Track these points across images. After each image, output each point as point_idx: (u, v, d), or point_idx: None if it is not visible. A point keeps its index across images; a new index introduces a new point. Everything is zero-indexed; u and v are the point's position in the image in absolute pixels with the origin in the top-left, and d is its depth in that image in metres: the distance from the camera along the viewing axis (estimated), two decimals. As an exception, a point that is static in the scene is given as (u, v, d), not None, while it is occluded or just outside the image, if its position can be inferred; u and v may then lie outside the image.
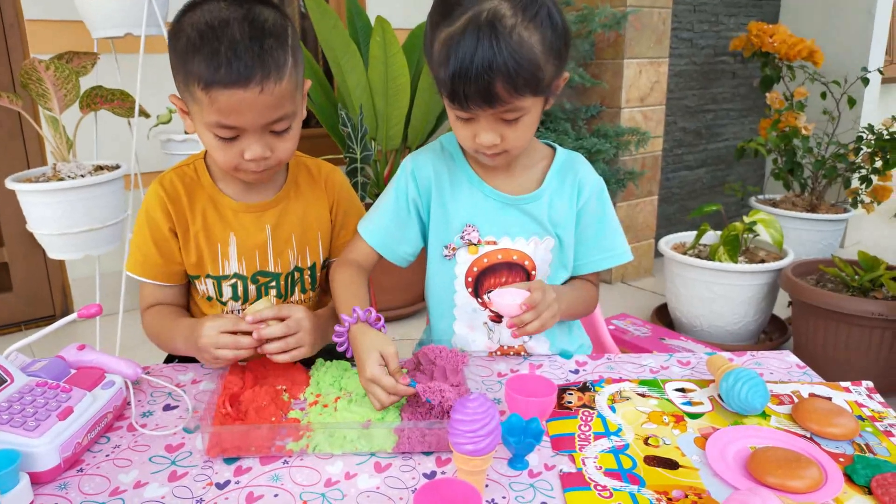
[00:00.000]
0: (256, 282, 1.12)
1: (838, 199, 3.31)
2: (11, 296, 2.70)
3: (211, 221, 1.09)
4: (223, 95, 0.90)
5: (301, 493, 0.74)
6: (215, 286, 1.11)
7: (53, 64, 1.75)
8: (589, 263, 1.15)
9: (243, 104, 0.91)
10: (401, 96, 2.65)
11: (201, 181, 1.10)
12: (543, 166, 1.11)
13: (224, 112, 0.92)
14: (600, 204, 1.13)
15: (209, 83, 0.90)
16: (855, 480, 0.76)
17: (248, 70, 0.89)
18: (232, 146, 0.97)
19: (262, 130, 0.96)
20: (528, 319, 0.95)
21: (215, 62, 0.89)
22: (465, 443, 0.70)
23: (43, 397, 0.80)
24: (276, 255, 1.12)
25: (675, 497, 0.73)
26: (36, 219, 1.87)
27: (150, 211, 1.08)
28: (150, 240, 1.08)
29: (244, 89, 0.90)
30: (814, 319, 2.23)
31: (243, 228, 1.10)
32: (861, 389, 0.98)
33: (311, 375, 0.97)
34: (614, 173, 3.02)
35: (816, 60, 3.15)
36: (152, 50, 2.31)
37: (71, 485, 0.75)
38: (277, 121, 0.96)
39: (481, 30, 0.88)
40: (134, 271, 1.11)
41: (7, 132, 2.56)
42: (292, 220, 1.13)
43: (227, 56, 0.89)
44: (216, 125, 0.94)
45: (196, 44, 0.91)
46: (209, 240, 1.09)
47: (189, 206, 1.09)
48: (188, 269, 1.11)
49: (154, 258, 1.09)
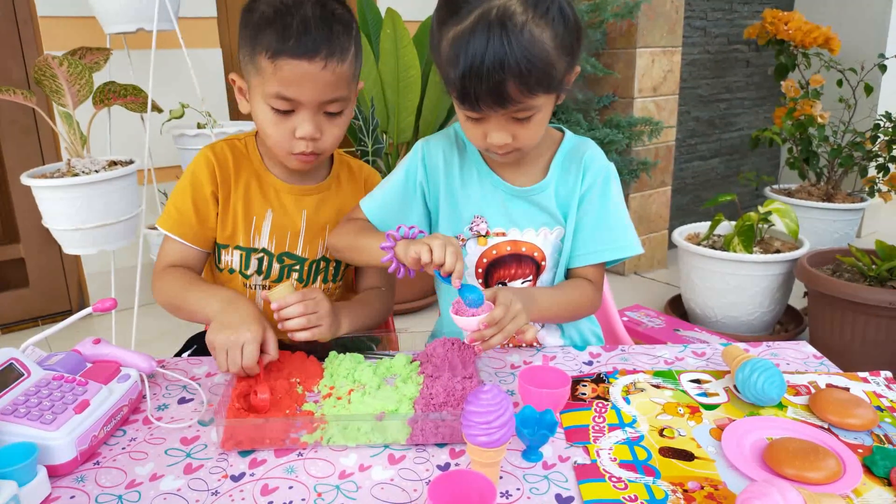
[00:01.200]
0: (282, 261, 1.15)
1: (855, 188, 3.27)
2: (28, 291, 2.73)
3: (252, 193, 1.13)
4: (288, 65, 0.96)
5: (315, 485, 0.74)
6: (243, 258, 1.13)
7: (67, 60, 1.76)
8: (587, 254, 1.09)
9: (306, 77, 0.97)
10: (412, 89, 2.64)
11: (250, 156, 1.14)
12: (550, 154, 1.10)
13: (286, 82, 0.98)
14: (604, 189, 1.08)
15: (277, 52, 0.96)
16: (874, 472, 0.75)
17: (315, 45, 0.96)
18: (285, 122, 1.02)
19: (317, 109, 1.02)
20: (488, 335, 0.89)
21: (286, 34, 0.96)
22: (479, 434, 0.69)
23: (59, 391, 0.81)
24: (307, 241, 1.16)
25: (690, 489, 0.73)
26: (51, 214, 1.88)
27: (196, 172, 1.10)
28: (191, 199, 1.10)
29: (309, 62, 0.96)
30: (830, 310, 2.21)
31: (281, 207, 1.14)
32: (879, 380, 0.96)
33: (325, 368, 0.97)
34: (627, 164, 3.00)
35: (832, 47, 3.10)
36: (164, 45, 2.32)
37: (88, 477, 0.76)
38: (332, 101, 1.02)
39: (492, 27, 0.86)
40: (165, 226, 1.11)
41: (22, 128, 2.58)
42: (329, 211, 1.17)
43: (298, 29, 0.96)
44: (276, 96, 0.99)
45: (269, 17, 0.97)
46: (247, 211, 1.12)
47: (235, 175, 1.12)
48: (219, 238, 1.13)
49: (190, 218, 1.10)
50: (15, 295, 2.71)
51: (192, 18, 2.66)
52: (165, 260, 1.12)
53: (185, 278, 1.08)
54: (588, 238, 1.08)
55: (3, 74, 2.49)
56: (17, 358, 0.83)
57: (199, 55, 2.65)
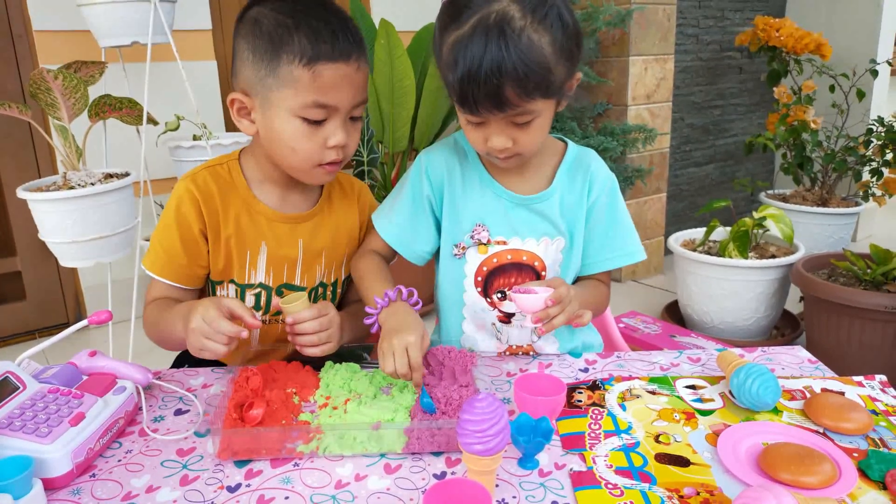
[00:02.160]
0: (281, 293, 1.11)
1: (849, 193, 3.28)
2: (25, 304, 2.73)
3: (244, 227, 1.07)
4: (328, 70, 0.94)
5: (312, 495, 0.74)
6: (238, 293, 1.11)
7: (62, 74, 1.76)
8: (599, 262, 1.13)
9: (345, 79, 0.96)
10: (406, 99, 2.65)
11: (235, 183, 1.08)
12: (554, 163, 1.10)
13: (325, 88, 0.95)
14: (612, 201, 1.11)
15: (314, 57, 0.93)
16: (869, 475, 0.75)
17: (349, 46, 0.95)
18: (317, 133, 0.98)
19: (347, 115, 1.00)
20: (553, 314, 0.93)
21: (320, 37, 0.93)
22: (475, 443, 0.70)
23: (55, 403, 0.81)
24: (305, 269, 1.12)
25: (686, 494, 0.73)
26: (47, 227, 1.88)
27: (180, 209, 1.04)
28: (178, 239, 1.04)
29: (346, 63, 0.95)
30: (826, 314, 2.21)
31: (276, 238, 1.09)
32: (874, 384, 0.97)
33: (321, 378, 0.97)
34: (622, 171, 3.01)
35: (824, 53, 3.12)
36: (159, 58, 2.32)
37: (84, 490, 0.76)
38: (360, 104, 1.01)
39: (490, 32, 0.87)
40: (154, 270, 1.07)
41: (17, 142, 2.59)
42: (324, 236, 1.13)
43: (330, 32, 0.94)
44: (312, 105, 0.95)
45: (290, 24, 0.94)
46: (239, 246, 1.07)
47: (222, 209, 1.05)
48: (212, 275, 1.09)
49: (179, 259, 1.05)
50: (12, 308, 2.70)
51: (187, 31, 2.67)
52: (150, 296, 1.09)
53: (158, 307, 1.05)
54: (599, 247, 1.12)
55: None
56: (12, 371, 0.83)
57: (194, 67, 2.66)
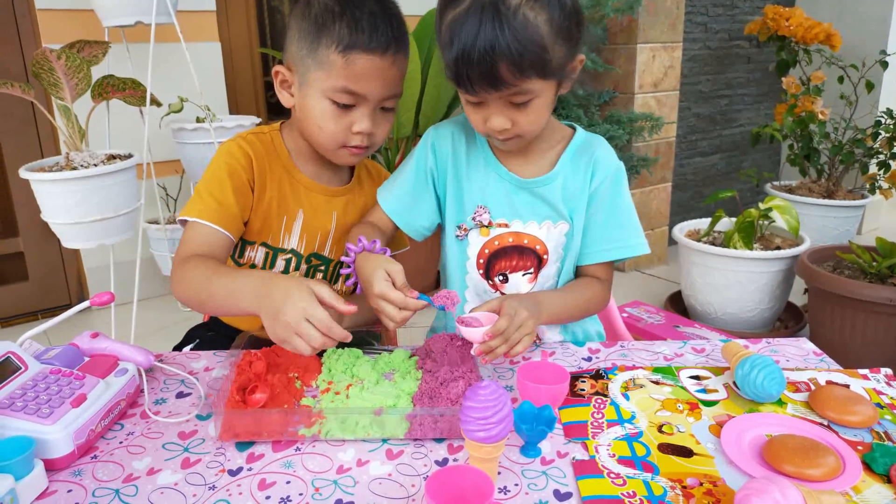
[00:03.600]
0: (309, 262, 1.15)
1: (855, 185, 3.27)
2: (27, 285, 2.73)
3: (285, 192, 1.10)
4: (361, 59, 0.97)
5: (313, 479, 0.74)
6: (268, 256, 1.12)
7: (65, 53, 1.75)
8: (597, 252, 1.10)
9: (377, 71, 0.99)
10: (411, 83, 2.63)
11: (278, 151, 1.12)
12: (561, 148, 1.10)
13: (356, 76, 0.98)
14: (614, 189, 1.09)
15: (350, 46, 0.96)
16: (874, 469, 0.74)
17: (387, 39, 0.98)
18: (345, 116, 1.01)
19: (377, 105, 1.03)
20: (494, 345, 0.89)
21: (359, 27, 0.96)
22: (477, 430, 0.69)
23: (57, 384, 0.80)
24: (335, 241, 1.16)
25: (689, 485, 0.72)
26: (50, 208, 1.88)
27: (232, 160, 1.05)
28: (230, 187, 1.03)
29: (381, 56, 0.98)
30: (830, 306, 2.20)
31: (312, 208, 1.13)
32: (879, 377, 0.96)
33: (324, 363, 0.97)
34: (627, 160, 2.99)
35: (834, 44, 3.09)
36: (163, 39, 2.31)
37: (85, 471, 0.76)
38: (392, 97, 1.04)
39: (484, 11, 0.87)
40: (202, 216, 1.01)
41: (20, 122, 2.58)
42: (355, 212, 1.17)
43: (370, 23, 0.97)
44: (341, 90, 0.99)
45: (336, 11, 0.98)
46: (279, 209, 1.10)
47: (269, 170, 1.09)
48: (247, 233, 1.10)
49: (230, 206, 1.03)
50: (14, 289, 2.71)
51: (191, 12, 2.65)
52: (189, 248, 1.01)
53: (207, 265, 0.96)
54: (598, 236, 1.09)
55: (1, 68, 2.49)
56: (14, 352, 0.83)
57: (198, 49, 2.64)
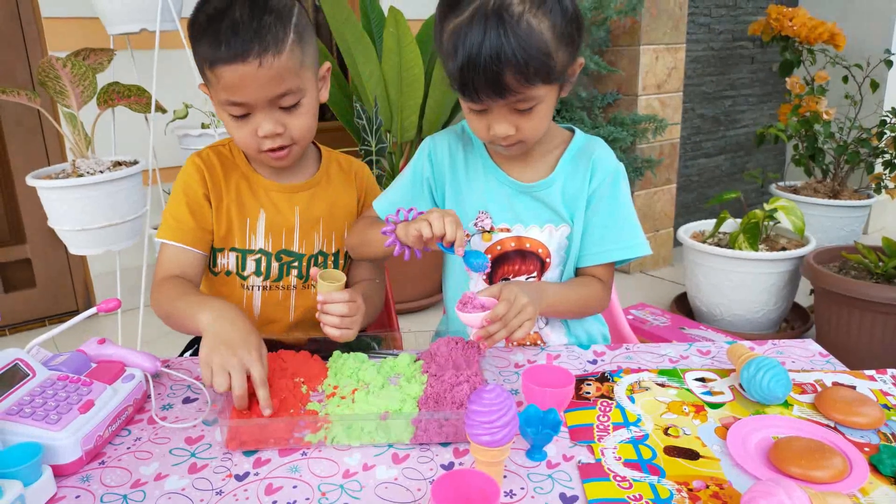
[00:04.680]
0: (280, 259, 1.16)
1: (861, 185, 3.25)
2: (35, 292, 2.74)
3: (244, 195, 1.14)
4: (226, 71, 0.97)
5: (319, 484, 0.74)
6: (239, 260, 1.14)
7: (70, 61, 1.76)
8: (596, 254, 1.09)
9: (245, 78, 0.97)
10: (415, 87, 2.64)
11: (236, 160, 1.16)
12: (559, 152, 1.10)
13: (229, 88, 0.98)
14: (613, 190, 1.08)
15: (213, 62, 0.97)
16: (881, 470, 0.74)
17: (245, 45, 0.95)
18: (245, 124, 1.02)
19: (271, 106, 1.01)
20: (493, 331, 0.90)
21: (217, 40, 0.96)
22: (483, 434, 0.69)
23: (64, 391, 0.81)
24: (302, 236, 1.17)
25: (695, 488, 0.72)
26: (56, 215, 1.89)
27: (186, 179, 1.12)
28: (185, 205, 1.10)
29: (243, 63, 0.96)
30: (836, 307, 2.20)
31: (273, 206, 1.15)
32: (886, 378, 0.96)
33: (329, 367, 0.97)
34: (631, 162, 2.99)
35: (838, 43, 3.08)
36: (167, 45, 2.32)
37: (93, 477, 0.76)
38: (283, 95, 1.00)
39: (488, 19, 0.87)
40: (164, 236, 1.11)
41: (27, 129, 2.59)
42: (321, 206, 1.18)
43: (227, 34, 0.95)
44: (227, 103, 1.01)
45: (204, 28, 0.98)
46: (240, 212, 1.13)
47: (224, 178, 1.13)
48: (215, 241, 1.13)
49: (187, 223, 1.10)
50: (22, 295, 2.72)
51: (196, 19, 2.66)
52: (163, 270, 1.10)
53: (179, 288, 1.05)
54: (597, 238, 1.09)
55: (7, 76, 2.50)
56: (22, 358, 0.83)
57: (203, 55, 2.65)
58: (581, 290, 1.09)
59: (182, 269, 1.10)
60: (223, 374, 0.83)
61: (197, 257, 1.12)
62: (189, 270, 1.11)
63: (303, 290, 1.18)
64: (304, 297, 1.18)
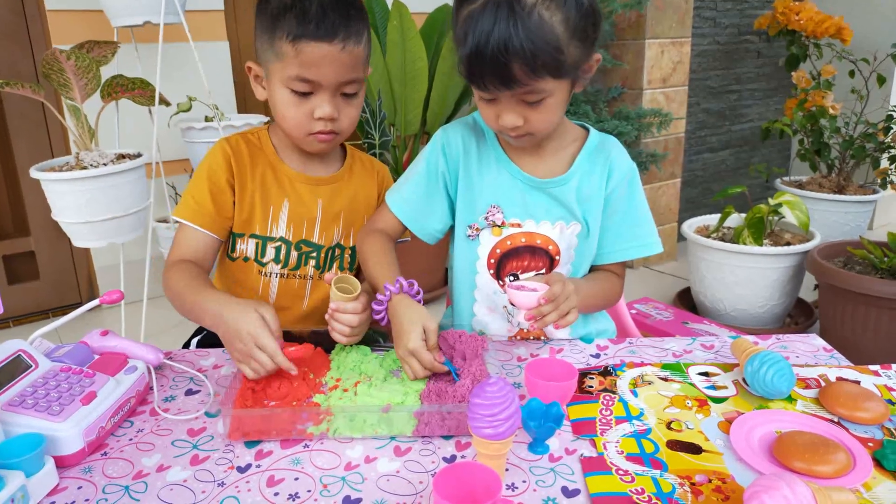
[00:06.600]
0: (300, 249, 1.17)
1: (867, 180, 3.24)
2: (38, 284, 2.75)
3: (269, 184, 1.15)
4: (309, 47, 1.00)
5: (321, 476, 0.74)
6: (258, 246, 1.15)
7: (74, 54, 1.76)
8: (614, 252, 1.12)
9: (326, 58, 1.01)
10: (419, 81, 2.63)
11: (264, 149, 1.17)
12: (574, 149, 1.09)
13: (307, 64, 1.01)
14: (630, 190, 1.10)
15: (298, 36, 1.00)
16: (885, 465, 0.74)
17: (334, 27, 1.01)
18: (304, 103, 1.05)
19: (335, 91, 1.05)
20: (546, 311, 0.92)
21: (306, 18, 1.00)
22: (485, 427, 0.69)
23: (67, 382, 0.81)
24: (323, 228, 1.18)
25: (698, 482, 0.72)
26: (60, 207, 1.89)
27: (212, 162, 1.13)
28: (207, 189, 1.11)
29: (329, 43, 1.01)
30: (841, 302, 2.19)
31: (297, 196, 1.16)
32: (891, 373, 0.95)
33: (332, 360, 0.97)
34: (636, 156, 2.98)
35: (844, 37, 3.06)
36: (172, 38, 2.32)
37: (95, 468, 0.76)
38: (349, 82, 1.06)
39: (500, 8, 0.86)
40: (183, 215, 1.11)
41: (31, 122, 2.60)
42: (343, 200, 1.20)
43: (317, 13, 1.00)
44: (296, 78, 1.03)
45: (288, 4, 1.02)
46: (264, 200, 1.15)
47: (250, 165, 1.15)
48: (235, 226, 1.15)
49: (207, 206, 1.11)
50: (26, 287, 2.73)
51: (199, 11, 2.66)
52: (178, 251, 1.10)
53: (188, 274, 1.04)
54: (616, 237, 1.11)
55: (12, 68, 2.50)
56: (24, 350, 0.84)
57: (207, 48, 2.65)
58: (604, 285, 1.13)
59: (195, 253, 1.11)
60: (246, 364, 0.87)
61: (212, 242, 1.13)
62: (202, 254, 1.12)
63: (318, 281, 1.20)
64: (319, 287, 1.20)
